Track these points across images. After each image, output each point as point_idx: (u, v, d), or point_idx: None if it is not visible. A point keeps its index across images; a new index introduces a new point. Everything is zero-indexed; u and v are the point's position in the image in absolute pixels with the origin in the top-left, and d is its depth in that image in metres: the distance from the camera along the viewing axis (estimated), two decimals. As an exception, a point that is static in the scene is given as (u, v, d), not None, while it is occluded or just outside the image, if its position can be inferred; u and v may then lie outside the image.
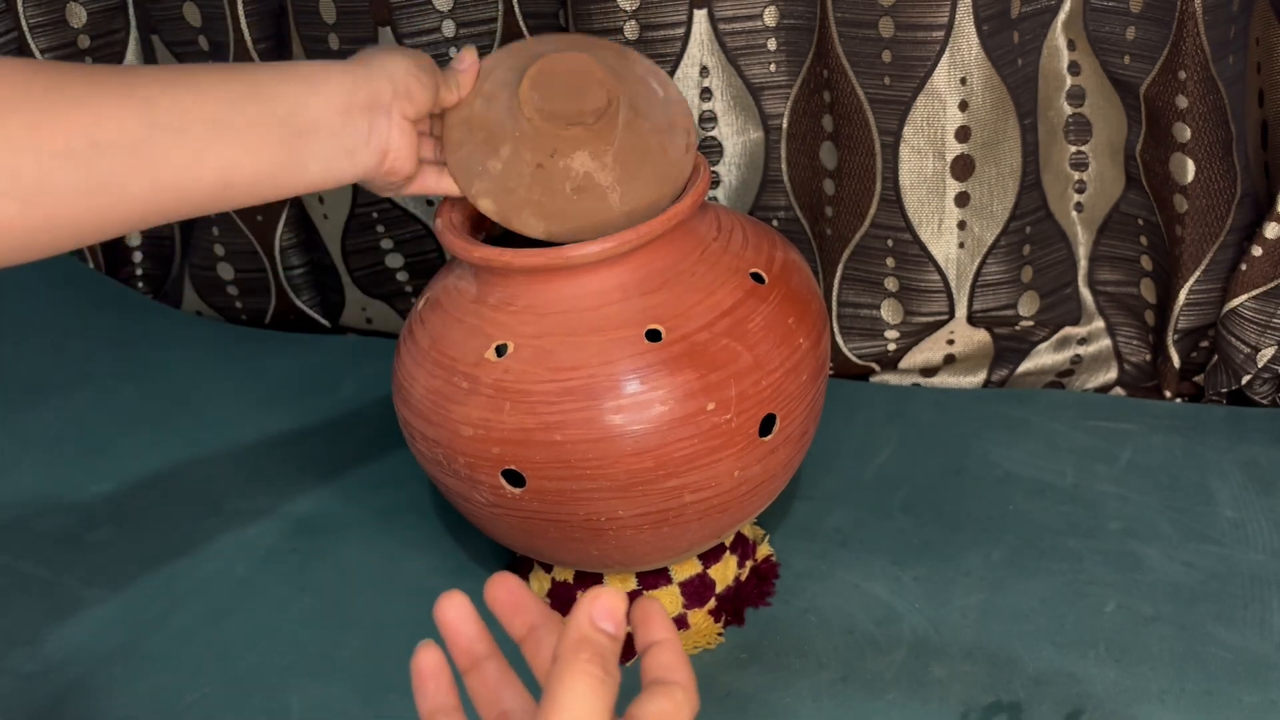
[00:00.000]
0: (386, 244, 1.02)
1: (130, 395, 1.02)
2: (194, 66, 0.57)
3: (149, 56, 1.06)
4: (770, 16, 0.85)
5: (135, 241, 1.16)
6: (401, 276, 1.03)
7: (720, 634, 0.71)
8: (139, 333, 1.10)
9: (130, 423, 0.98)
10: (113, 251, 1.16)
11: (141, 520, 0.87)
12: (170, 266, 1.16)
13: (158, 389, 1.02)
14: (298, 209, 1.05)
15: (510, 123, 0.63)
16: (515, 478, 0.63)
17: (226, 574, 0.81)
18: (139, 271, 1.16)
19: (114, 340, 1.09)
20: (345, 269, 1.04)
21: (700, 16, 0.85)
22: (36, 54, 1.04)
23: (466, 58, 0.64)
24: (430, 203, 1.00)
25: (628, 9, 0.85)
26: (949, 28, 0.78)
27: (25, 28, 1.03)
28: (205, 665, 0.74)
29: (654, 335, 0.62)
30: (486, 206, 0.64)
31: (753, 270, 0.66)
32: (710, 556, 0.71)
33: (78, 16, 1.05)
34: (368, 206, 1.00)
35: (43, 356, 1.07)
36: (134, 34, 1.07)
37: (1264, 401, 0.83)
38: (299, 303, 1.08)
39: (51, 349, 1.09)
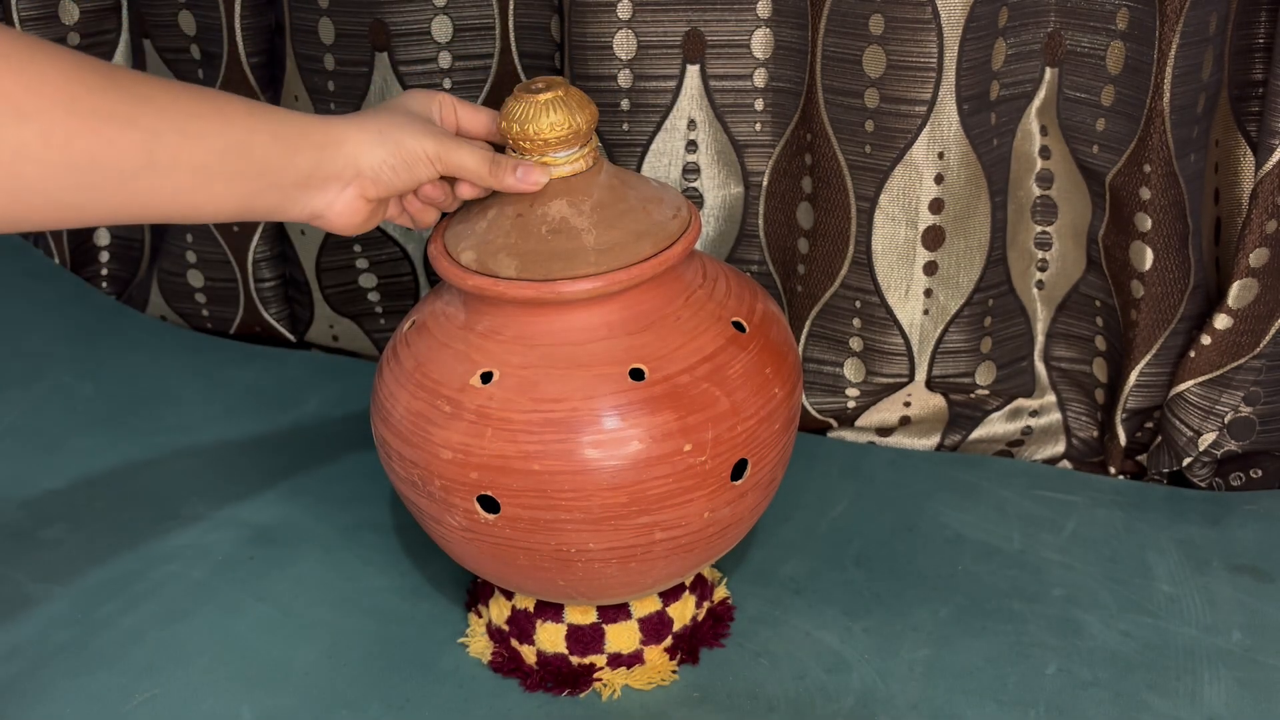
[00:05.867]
0: (361, 264, 1.03)
1: (88, 394, 1.01)
2: (196, 97, 0.59)
3: (138, 61, 1.06)
4: (760, 78, 0.88)
5: (104, 241, 1.15)
6: (373, 297, 1.04)
7: (674, 672, 0.72)
8: (100, 332, 1.09)
9: (87, 422, 0.98)
10: (79, 250, 1.15)
11: (95, 520, 0.86)
12: (137, 269, 1.16)
13: (117, 390, 1.02)
14: (275, 223, 1.05)
15: (501, 195, 0.67)
16: (490, 503, 0.64)
17: (182, 577, 0.81)
18: (104, 272, 1.16)
19: (74, 338, 1.09)
20: (318, 285, 1.05)
21: (693, 71, 0.88)
22: (24, 47, 1.04)
23: (536, 175, 0.66)
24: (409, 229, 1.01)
25: (623, 58, 0.88)
26: (931, 104, 0.81)
27: (16, 19, 1.03)
28: (155, 667, 0.73)
29: (637, 374, 0.64)
30: (468, 259, 0.66)
31: (735, 319, 0.68)
32: (670, 595, 0.73)
33: (70, 14, 1.05)
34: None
35: None
36: (125, 37, 1.07)
37: (1202, 484, 0.87)
38: (266, 315, 1.08)
39: (9, 342, 1.08)
